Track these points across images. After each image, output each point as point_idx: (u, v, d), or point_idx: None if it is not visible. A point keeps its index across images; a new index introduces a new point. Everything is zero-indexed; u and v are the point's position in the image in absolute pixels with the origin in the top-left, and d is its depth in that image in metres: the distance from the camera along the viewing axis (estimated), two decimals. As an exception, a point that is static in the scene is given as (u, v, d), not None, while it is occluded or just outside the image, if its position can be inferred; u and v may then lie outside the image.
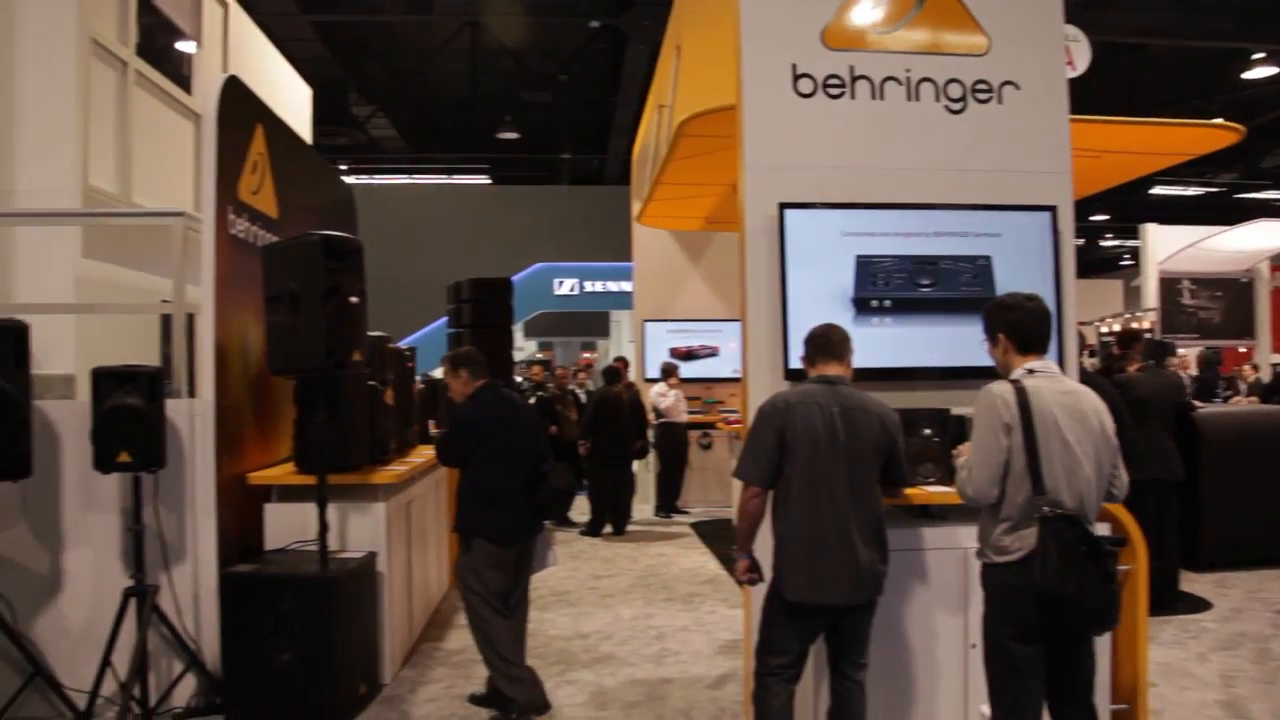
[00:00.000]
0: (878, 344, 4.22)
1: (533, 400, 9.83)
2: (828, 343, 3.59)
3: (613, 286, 17.44)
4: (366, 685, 4.85)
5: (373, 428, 5.28)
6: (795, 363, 3.94)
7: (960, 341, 4.24)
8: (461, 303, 7.67)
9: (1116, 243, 27.96)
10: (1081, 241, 24.48)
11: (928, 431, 4.11)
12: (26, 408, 4.25)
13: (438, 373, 7.96)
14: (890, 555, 3.51)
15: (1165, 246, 12.55)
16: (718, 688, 5.07)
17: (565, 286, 17.67)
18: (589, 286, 17.72)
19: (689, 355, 11.83)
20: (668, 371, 10.59)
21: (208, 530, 4.61)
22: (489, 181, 21.96)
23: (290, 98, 9.68)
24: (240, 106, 5.09)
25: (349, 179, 16.81)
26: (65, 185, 5.59)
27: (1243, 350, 13.01)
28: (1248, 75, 14.76)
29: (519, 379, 11.20)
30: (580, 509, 10.15)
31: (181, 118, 7.42)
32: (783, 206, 4.25)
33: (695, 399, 11.42)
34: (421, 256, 16.59)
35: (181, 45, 8.06)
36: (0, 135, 5.61)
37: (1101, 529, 3.52)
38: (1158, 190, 21.11)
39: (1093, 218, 24.02)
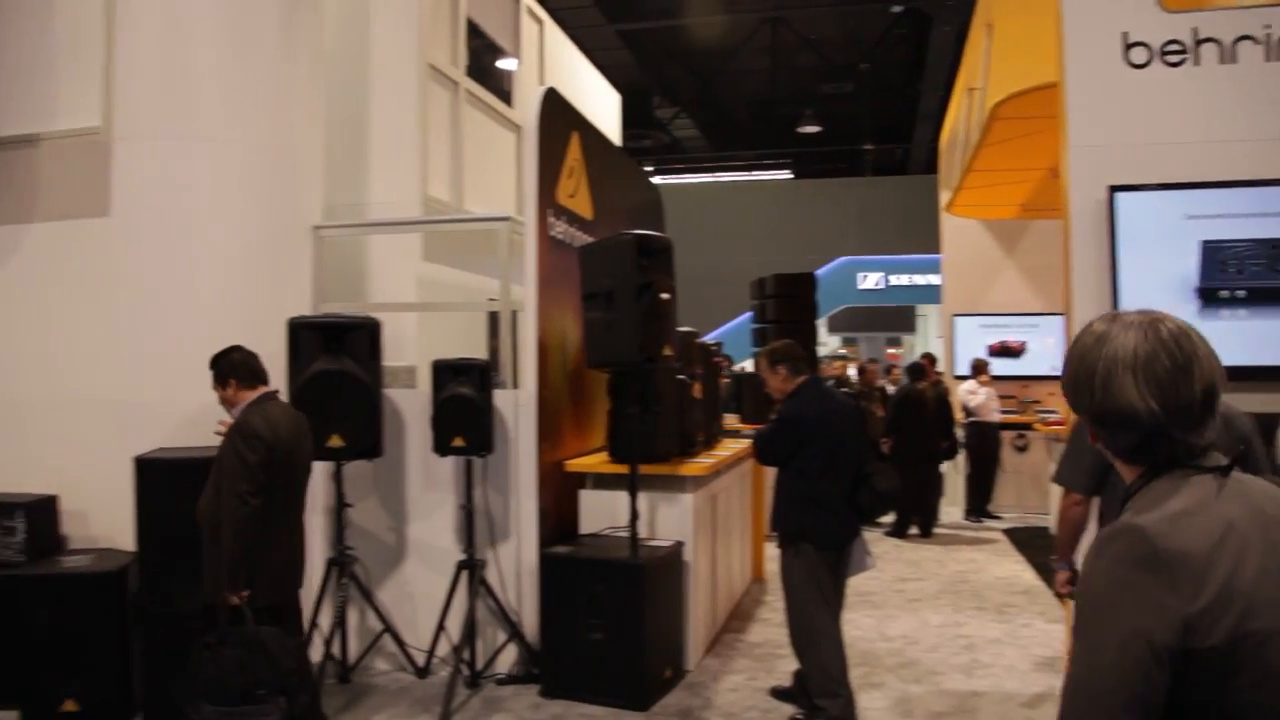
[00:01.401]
0: (1228, 339, 3.76)
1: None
2: None
3: (919, 280, 16.82)
4: (671, 670, 5.00)
5: (681, 420, 5.42)
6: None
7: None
8: (765, 298, 7.70)
9: None
10: None
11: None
12: (379, 396, 4.78)
13: (741, 367, 8.05)
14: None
15: None
16: (1033, 707, 4.73)
17: (869, 280, 17.28)
18: (894, 280, 17.21)
19: (1004, 351, 11.17)
20: (978, 368, 10.05)
21: (530, 512, 4.94)
22: (790, 176, 21.92)
23: (601, 104, 10.16)
24: (558, 116, 5.40)
25: (655, 179, 17.41)
26: (408, 196, 6.19)
27: None
28: None
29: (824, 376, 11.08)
30: (883, 508, 9.87)
31: (504, 129, 7.99)
32: (1113, 189, 3.90)
33: (1009, 398, 10.77)
34: (725, 252, 16.88)
35: (502, 63, 8.70)
36: (356, 154, 6.30)
37: None
38: None
39: None
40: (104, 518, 4.94)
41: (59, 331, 5.07)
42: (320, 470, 5.10)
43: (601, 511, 5.19)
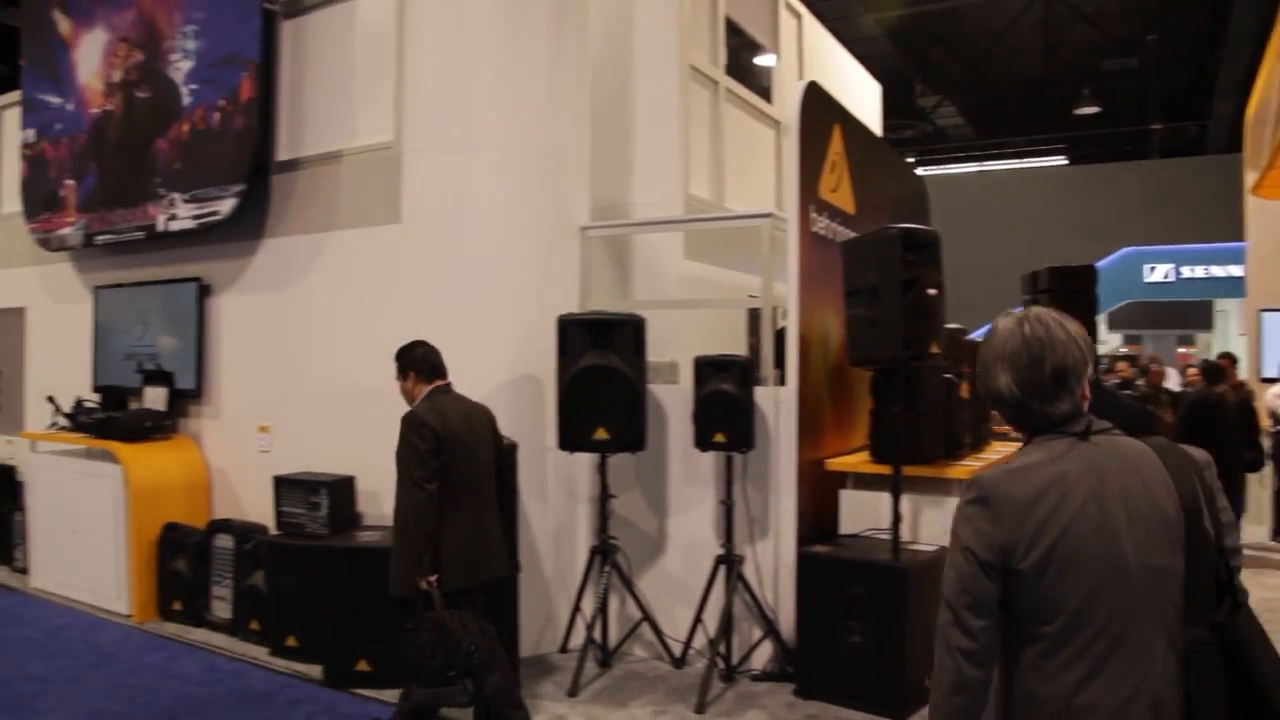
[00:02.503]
0: None
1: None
2: None
3: (1217, 271, 15.20)
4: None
5: (948, 421, 5.20)
6: None
7: None
8: (1039, 293, 7.20)
9: None
10: None
11: None
12: (643, 390, 4.92)
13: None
14: None
15: None
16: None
17: (1158, 273, 15.79)
18: (1186, 272, 15.63)
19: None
20: (1291, 370, 8.98)
21: (788, 510, 4.91)
22: (1065, 162, 20.51)
23: (861, 95, 9.93)
24: (819, 110, 5.32)
25: (918, 170, 16.83)
26: (671, 196, 6.32)
27: None
28: None
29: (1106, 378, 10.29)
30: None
31: (763, 126, 7.98)
32: None
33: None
34: (995, 245, 16.03)
35: (761, 59, 8.68)
36: (621, 155, 6.51)
37: None
38: None
39: None
40: (392, 497, 5.40)
41: (358, 328, 5.59)
42: (585, 462, 5.34)
43: (862, 512, 5.07)
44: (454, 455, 3.91)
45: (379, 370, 5.40)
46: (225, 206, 6.08)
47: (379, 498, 5.48)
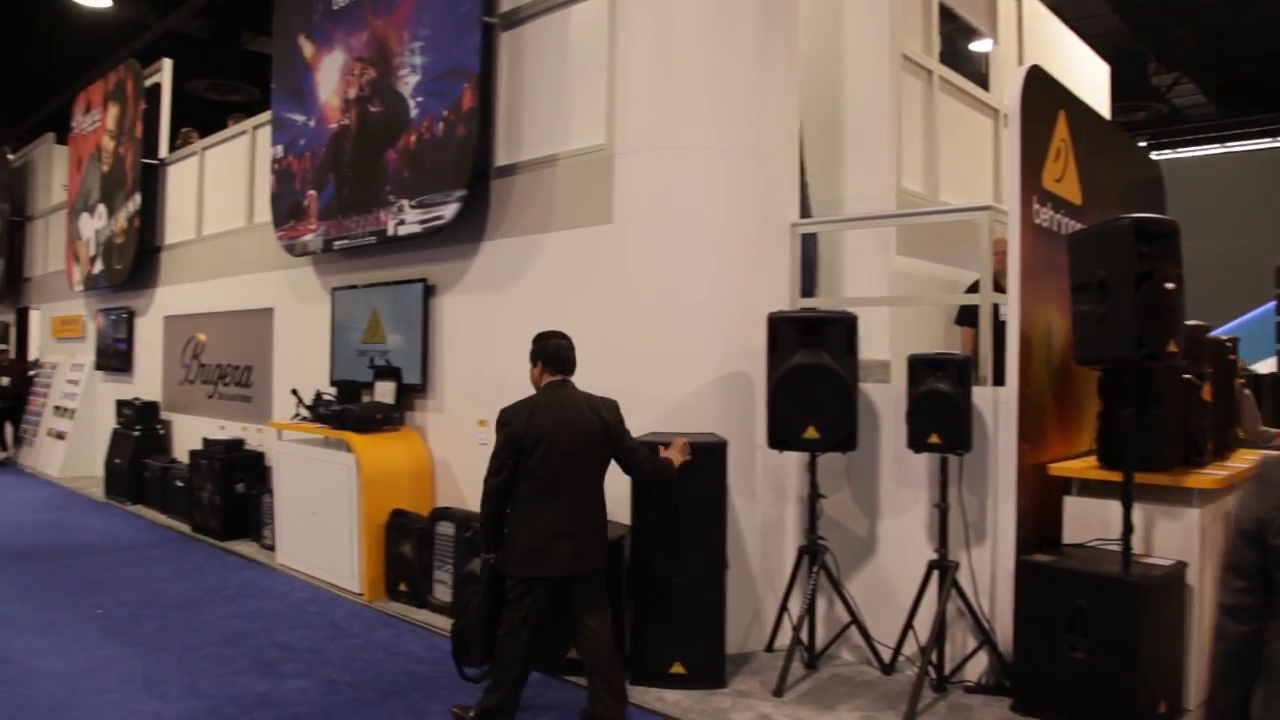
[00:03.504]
0: None
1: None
2: None
3: None
4: (1166, 705, 4.46)
5: (1187, 425, 4.81)
6: None
7: None
8: (1293, 286, 6.58)
9: None
10: None
11: None
12: (854, 389, 4.83)
13: (1263, 366, 6.96)
14: None
15: None
16: None
17: None
18: None
19: None
20: None
21: (1007, 515, 4.69)
22: (1327, 140, 18.54)
23: (1088, 77, 9.34)
24: (1042, 95, 5.05)
25: (1152, 155, 15.68)
26: (882, 190, 6.16)
27: None
28: None
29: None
30: None
31: (980, 115, 7.65)
32: None
33: None
34: (1241, 234, 14.70)
35: (977, 45, 8.32)
36: (831, 149, 6.41)
37: None
38: None
39: None
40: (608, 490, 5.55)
41: (573, 328, 5.75)
42: (794, 461, 5.31)
43: (1088, 521, 4.76)
44: (535, 454, 4.12)
45: (590, 367, 5.57)
46: (449, 211, 6.43)
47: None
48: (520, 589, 4.18)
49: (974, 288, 5.53)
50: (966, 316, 6.00)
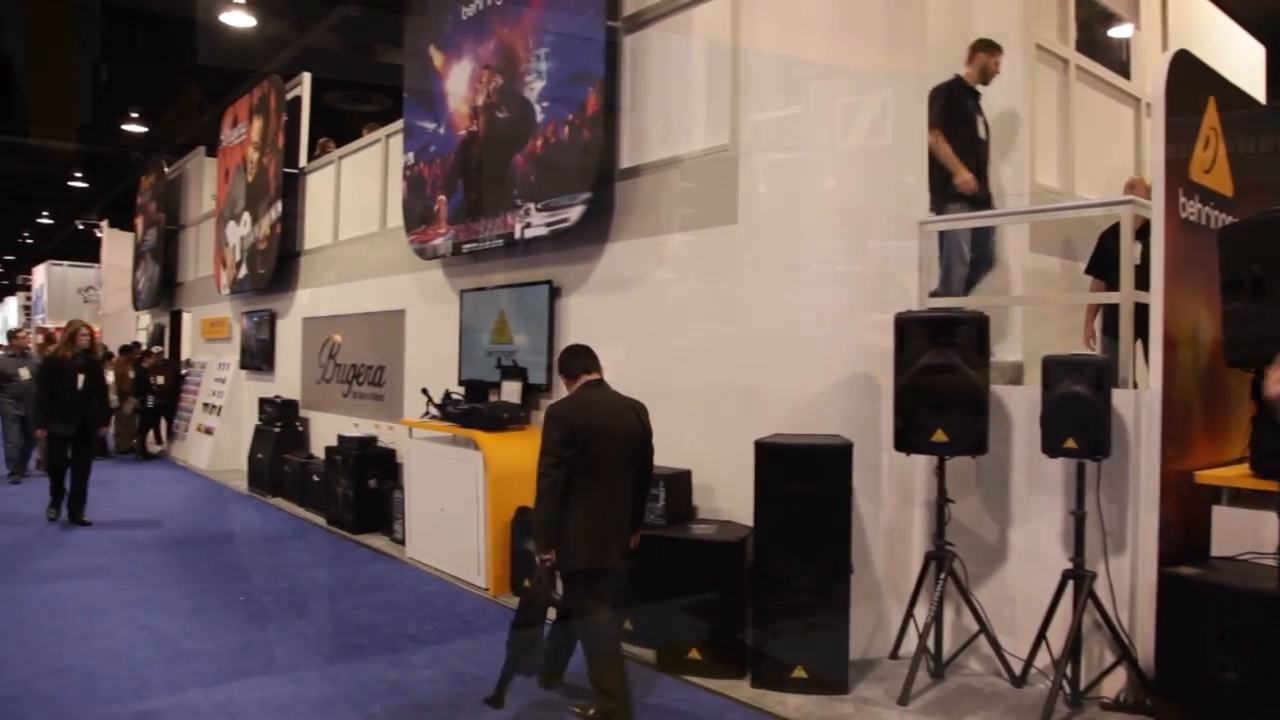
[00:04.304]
0: None
1: None
2: None
3: None
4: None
5: (1350, 432, 4.50)
6: None
7: None
8: None
9: None
10: None
11: None
12: (986, 391, 4.69)
13: None
14: None
15: None
16: None
17: None
18: None
19: None
20: None
21: (1149, 525, 4.47)
22: None
23: (1241, 61, 8.82)
24: (1189, 81, 4.79)
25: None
26: (1016, 186, 5.96)
27: None
28: None
29: None
30: None
31: (1120, 104, 7.32)
32: None
33: None
34: None
35: (1116, 31, 7.95)
36: (960, 144, 6.22)
37: None
38: None
39: None
40: (726, 492, 5.54)
41: (697, 327, 5.79)
42: (921, 464, 5.18)
43: (1240, 532, 4.50)
44: (587, 448, 4.15)
45: (715, 368, 5.59)
46: (574, 214, 6.53)
47: (713, 492, 5.65)
48: (590, 580, 4.25)
49: (1113, 231, 5.28)
50: (1099, 265, 5.77)
